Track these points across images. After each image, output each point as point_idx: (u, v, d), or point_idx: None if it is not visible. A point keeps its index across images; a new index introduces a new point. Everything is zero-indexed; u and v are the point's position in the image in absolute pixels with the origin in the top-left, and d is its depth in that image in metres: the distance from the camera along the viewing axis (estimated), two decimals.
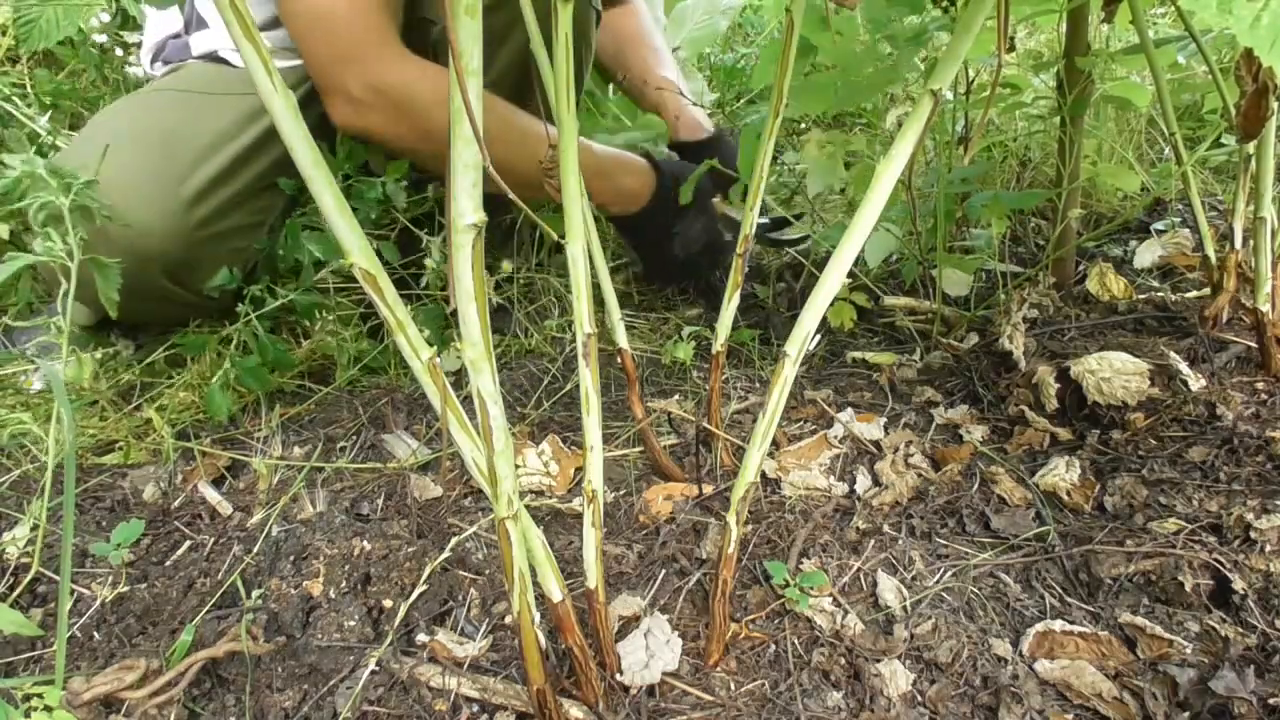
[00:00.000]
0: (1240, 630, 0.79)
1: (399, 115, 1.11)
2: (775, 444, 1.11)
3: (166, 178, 1.10)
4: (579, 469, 1.09)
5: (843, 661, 0.79)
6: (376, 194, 1.18)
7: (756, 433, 0.73)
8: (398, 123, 1.12)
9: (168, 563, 0.96)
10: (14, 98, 1.58)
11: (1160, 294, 1.36)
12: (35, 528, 0.93)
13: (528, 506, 0.92)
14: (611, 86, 1.76)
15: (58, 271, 0.93)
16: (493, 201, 0.53)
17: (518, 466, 1.07)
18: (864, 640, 0.81)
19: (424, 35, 1.18)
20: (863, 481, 1.04)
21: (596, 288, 0.84)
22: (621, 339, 1.03)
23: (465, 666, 0.80)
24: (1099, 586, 0.86)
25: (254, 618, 0.84)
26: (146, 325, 1.32)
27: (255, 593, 0.88)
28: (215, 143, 1.16)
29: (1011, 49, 1.44)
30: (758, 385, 1.28)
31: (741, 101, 2.35)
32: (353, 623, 0.84)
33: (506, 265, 1.38)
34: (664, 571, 0.91)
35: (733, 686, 0.78)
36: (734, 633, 0.82)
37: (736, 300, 0.98)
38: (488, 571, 0.92)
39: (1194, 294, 1.35)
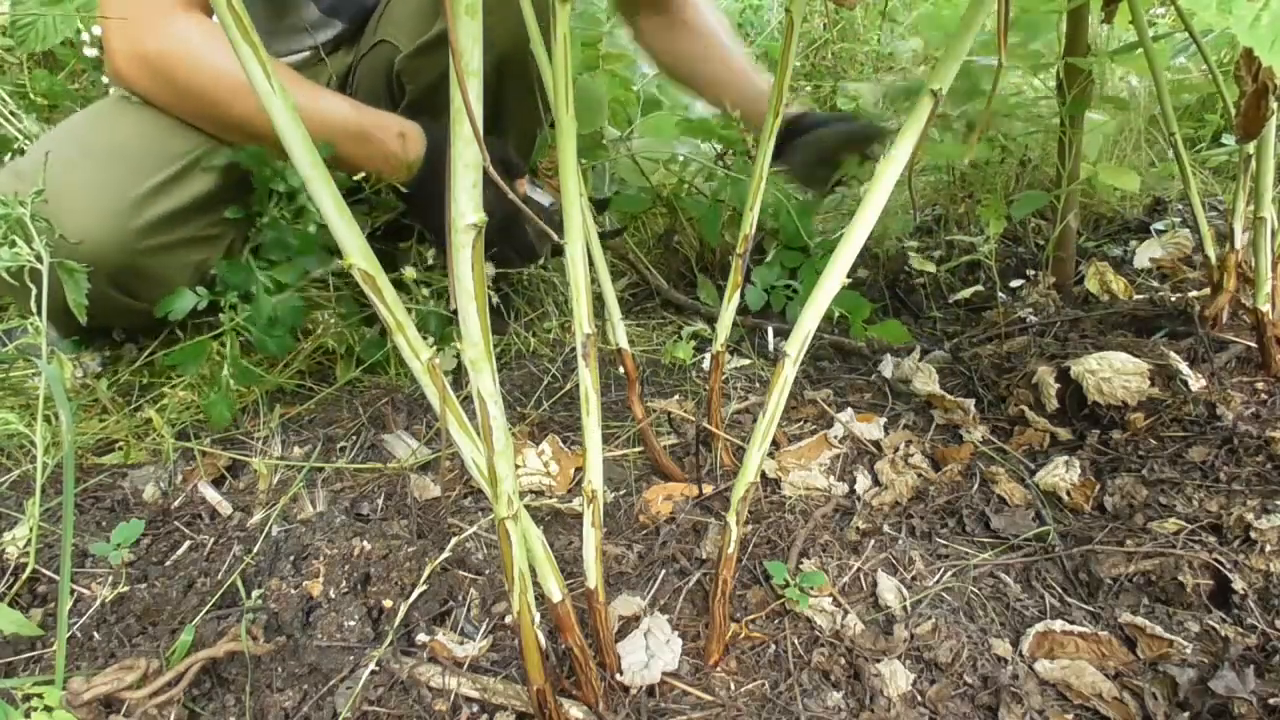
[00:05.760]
0: (1240, 630, 0.79)
1: (160, 82, 1.15)
2: (775, 444, 1.11)
3: (111, 184, 1.10)
4: (579, 469, 1.09)
5: (843, 661, 0.79)
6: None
7: (756, 433, 0.73)
8: (159, 89, 1.16)
9: (168, 563, 0.96)
10: (4, 98, 1.58)
11: (1160, 294, 1.36)
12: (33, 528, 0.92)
13: (528, 506, 0.92)
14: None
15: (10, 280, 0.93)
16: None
17: (518, 466, 1.07)
18: (864, 640, 0.81)
19: None
20: (863, 481, 1.04)
21: (596, 289, 0.84)
22: (621, 339, 1.03)
23: (465, 666, 0.80)
24: (1099, 586, 0.86)
25: (254, 618, 0.84)
26: (132, 328, 1.31)
27: (255, 593, 0.88)
28: (165, 151, 1.15)
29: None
30: (758, 385, 1.28)
31: None
32: (353, 623, 0.84)
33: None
34: (664, 571, 0.91)
35: (733, 686, 0.78)
36: (734, 633, 0.82)
37: (736, 300, 0.98)
38: (488, 571, 0.92)
39: (1194, 294, 1.34)
